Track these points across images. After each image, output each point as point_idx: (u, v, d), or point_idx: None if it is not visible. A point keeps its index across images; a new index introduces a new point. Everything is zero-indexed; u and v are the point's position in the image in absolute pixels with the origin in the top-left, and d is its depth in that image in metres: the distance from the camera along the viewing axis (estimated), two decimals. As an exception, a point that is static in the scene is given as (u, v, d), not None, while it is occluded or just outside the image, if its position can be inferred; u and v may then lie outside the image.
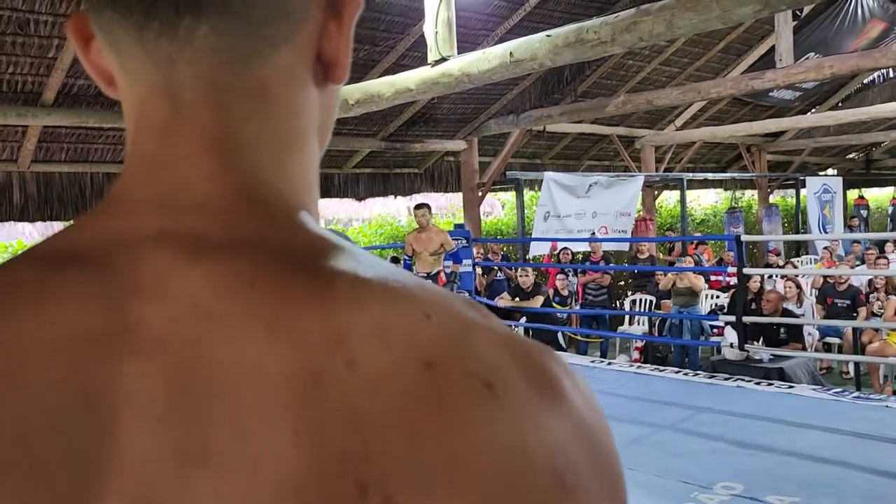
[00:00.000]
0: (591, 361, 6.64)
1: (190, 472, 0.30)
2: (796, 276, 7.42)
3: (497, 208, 13.41)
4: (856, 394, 5.18)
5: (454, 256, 6.75)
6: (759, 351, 5.87)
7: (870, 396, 5.10)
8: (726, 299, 7.43)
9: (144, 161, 0.37)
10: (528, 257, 8.76)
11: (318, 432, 0.30)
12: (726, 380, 5.55)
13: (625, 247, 9.33)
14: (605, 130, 9.54)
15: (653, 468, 3.85)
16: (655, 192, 10.66)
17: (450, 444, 0.30)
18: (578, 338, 7.69)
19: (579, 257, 8.57)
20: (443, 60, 4.11)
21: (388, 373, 0.31)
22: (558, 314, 7.56)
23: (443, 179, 9.22)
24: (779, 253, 9.66)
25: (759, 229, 11.99)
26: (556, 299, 7.56)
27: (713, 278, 8.34)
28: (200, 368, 0.31)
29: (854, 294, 7.09)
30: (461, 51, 4.23)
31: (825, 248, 9.46)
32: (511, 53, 3.74)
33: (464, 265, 7.29)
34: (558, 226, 8.37)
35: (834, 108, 10.75)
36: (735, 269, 6.39)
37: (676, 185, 10.58)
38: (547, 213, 8.35)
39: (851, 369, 6.52)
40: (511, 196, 10.50)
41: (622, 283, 10.11)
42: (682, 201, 10.64)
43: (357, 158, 8.30)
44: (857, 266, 8.40)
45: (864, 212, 13.39)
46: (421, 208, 6.53)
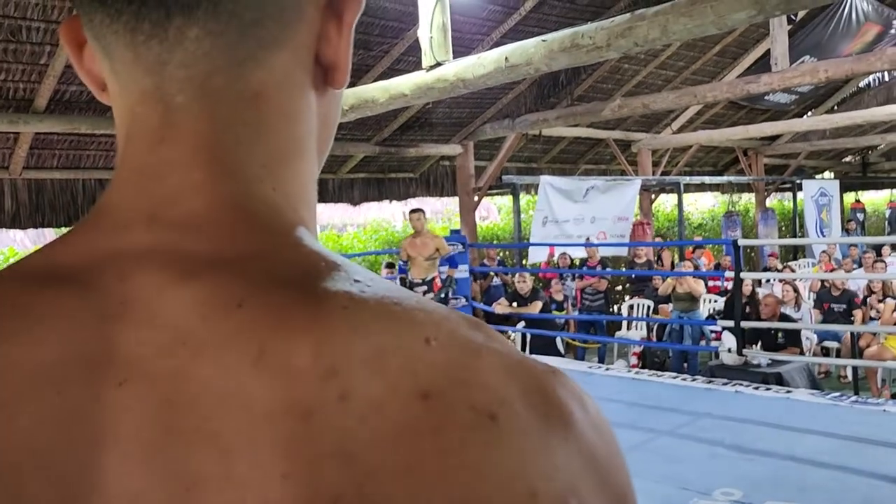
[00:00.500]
0: (589, 367, 6.61)
1: None
2: (793, 280, 7.41)
3: (493, 213, 13.40)
4: (854, 398, 5.16)
5: (450, 261, 6.73)
6: (758, 356, 5.85)
7: (867, 401, 5.08)
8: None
9: (134, 171, 0.36)
10: (525, 263, 8.74)
11: (309, 475, 0.28)
12: (724, 385, 5.54)
13: (622, 251, 9.32)
14: (601, 134, 9.53)
15: (652, 475, 3.83)
16: (652, 196, 10.65)
17: (449, 485, 0.28)
18: (576, 343, 7.66)
19: (577, 262, 8.56)
20: (438, 65, 4.09)
21: (383, 406, 0.29)
22: (556, 320, 7.54)
23: (438, 184, 9.18)
24: (777, 257, 9.65)
25: (756, 234, 11.99)
26: (553, 305, 7.53)
27: (711, 283, 8.33)
28: (186, 402, 0.30)
29: (850, 298, 7.08)
30: (456, 55, 4.21)
31: (823, 252, 9.45)
32: (506, 58, 3.72)
33: (460, 271, 7.26)
34: (557, 231, 8.35)
35: (830, 112, 10.77)
36: (732, 273, 6.38)
37: (673, 188, 10.57)
38: (545, 219, 8.33)
39: (849, 373, 6.51)
40: (507, 200, 10.48)
41: (619, 287, 10.08)
42: (680, 205, 10.63)
43: (352, 163, 8.27)
44: (854, 269, 8.40)
45: (860, 215, 13.40)
46: (416, 213, 6.56)
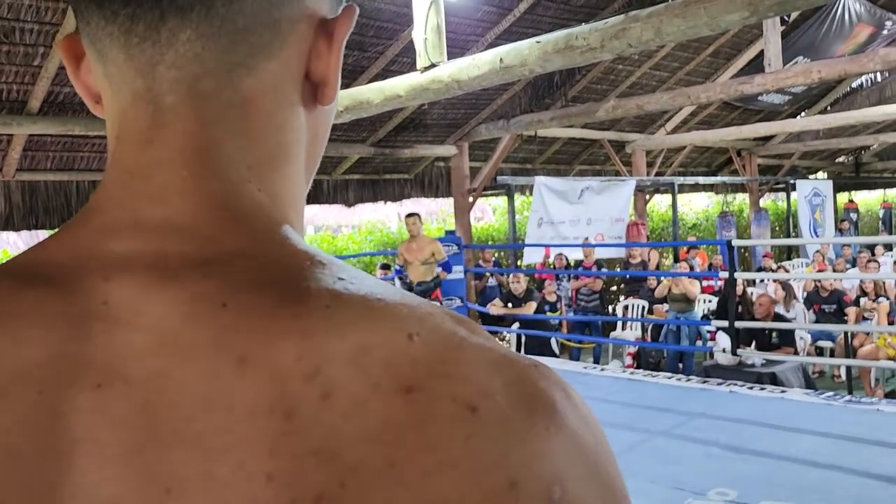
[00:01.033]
0: (584, 367, 6.62)
1: None
2: (786, 280, 7.43)
3: (488, 213, 13.40)
4: (848, 398, 5.18)
5: (445, 265, 6.72)
6: (752, 356, 5.86)
7: (861, 400, 5.10)
8: (719, 303, 7.43)
9: (123, 171, 0.36)
10: (520, 264, 8.73)
11: (292, 476, 0.28)
12: (719, 385, 5.55)
13: (619, 252, 9.31)
14: (595, 135, 9.54)
15: (647, 475, 3.84)
16: (647, 197, 10.67)
17: (430, 479, 0.28)
18: (571, 344, 7.67)
19: (573, 263, 8.56)
20: (432, 67, 4.09)
21: (366, 403, 0.29)
22: (551, 320, 7.54)
23: (433, 185, 9.18)
24: (772, 257, 9.68)
25: (750, 234, 12.03)
26: (546, 306, 7.54)
27: (705, 283, 8.35)
28: (167, 404, 0.30)
29: (839, 298, 7.10)
30: (450, 56, 4.21)
31: (817, 252, 9.48)
32: (501, 59, 3.72)
33: (455, 272, 7.26)
34: (552, 232, 8.34)
35: (823, 112, 10.81)
36: (727, 273, 6.39)
37: (667, 189, 10.59)
38: (540, 220, 8.31)
39: (843, 373, 6.54)
40: (502, 201, 10.49)
41: (614, 287, 10.10)
42: (674, 206, 10.65)
43: (346, 164, 8.26)
44: (847, 269, 8.43)
45: (853, 215, 13.46)
46: (412, 217, 6.58)
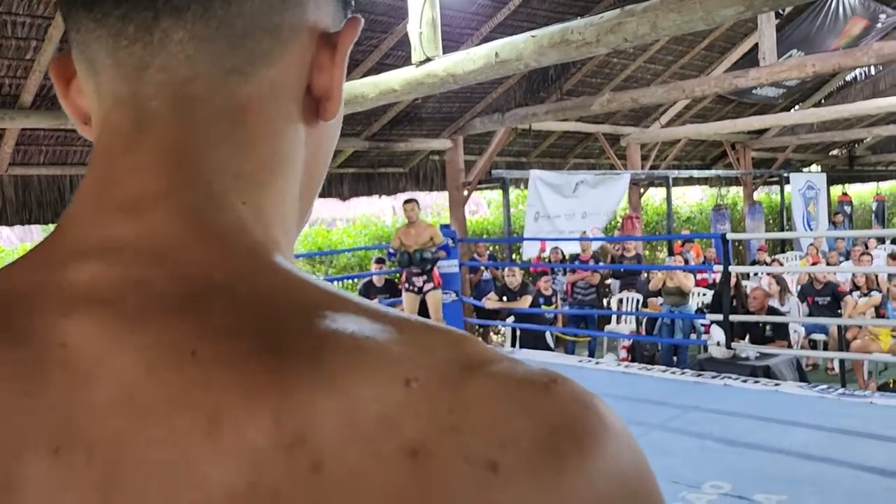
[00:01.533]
0: (579, 361, 6.64)
1: None
2: (780, 274, 7.46)
3: (483, 206, 13.40)
4: (841, 391, 5.22)
5: (445, 249, 6.73)
6: (746, 349, 5.89)
7: (854, 393, 5.14)
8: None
9: (97, 181, 0.33)
10: (515, 257, 8.72)
11: None
12: (714, 378, 5.57)
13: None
14: (590, 128, 9.53)
15: (641, 469, 3.86)
16: (641, 190, 10.68)
17: None
18: (566, 337, 7.69)
19: (568, 257, 8.56)
20: (427, 61, 4.07)
21: (364, 473, 0.25)
22: (546, 314, 7.55)
23: (428, 178, 9.16)
24: (766, 250, 9.71)
25: (744, 227, 12.06)
26: (541, 299, 7.55)
27: (699, 276, 8.37)
28: (132, 475, 0.26)
29: (833, 290, 7.14)
30: (445, 49, 4.19)
31: (811, 245, 9.52)
32: (496, 54, 3.71)
33: (450, 265, 7.26)
34: (549, 227, 8.34)
35: (817, 105, 10.82)
36: (721, 266, 6.41)
37: (662, 182, 10.61)
38: (537, 214, 8.31)
39: (837, 365, 6.58)
40: (497, 194, 10.48)
41: (608, 280, 10.11)
42: (668, 199, 10.66)
43: (341, 158, 8.24)
44: (840, 262, 8.47)
45: (847, 208, 13.51)
46: (410, 203, 6.61)
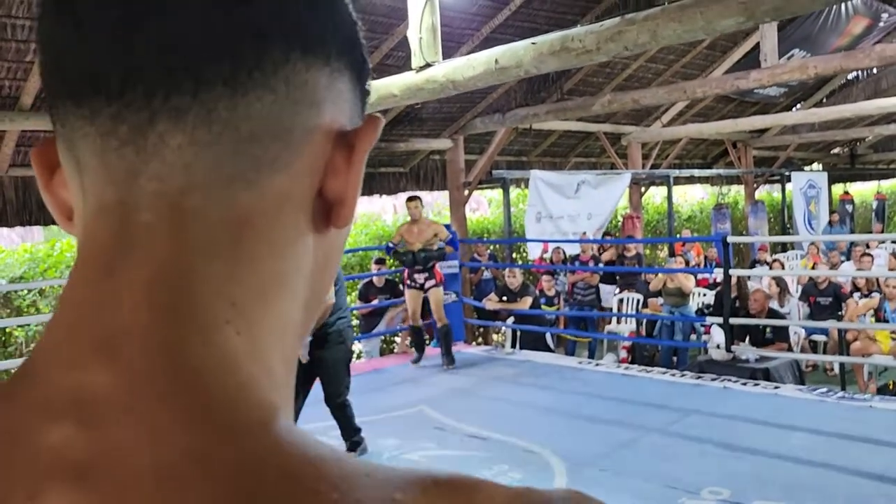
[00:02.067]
0: (579, 363, 6.65)
1: None
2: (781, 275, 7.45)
3: (483, 205, 13.39)
4: (840, 394, 5.21)
5: (451, 243, 6.69)
6: (746, 351, 5.89)
7: (854, 397, 5.13)
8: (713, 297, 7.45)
9: (72, 309, 0.29)
10: (516, 257, 8.71)
11: None
12: (713, 380, 5.57)
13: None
14: (591, 128, 9.52)
15: (641, 473, 3.87)
16: (642, 189, 10.67)
17: None
18: (567, 337, 7.70)
19: (569, 258, 8.57)
20: (427, 66, 4.07)
21: None
22: (546, 315, 7.56)
23: (428, 178, 9.16)
24: (767, 249, 9.70)
25: (746, 226, 12.04)
26: (543, 300, 7.55)
27: (700, 276, 8.37)
28: None
29: (835, 290, 7.13)
30: (445, 51, 4.19)
31: (812, 244, 9.51)
32: (496, 60, 3.71)
33: (450, 266, 7.25)
34: (552, 227, 8.32)
35: (818, 105, 10.80)
36: (722, 268, 6.41)
37: (663, 181, 10.59)
38: (538, 214, 8.29)
39: (836, 367, 6.58)
40: (497, 193, 10.47)
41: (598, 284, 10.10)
42: (669, 198, 10.66)
43: (342, 158, 8.23)
44: (842, 262, 8.46)
45: (849, 207, 13.49)
46: (413, 200, 6.58)
